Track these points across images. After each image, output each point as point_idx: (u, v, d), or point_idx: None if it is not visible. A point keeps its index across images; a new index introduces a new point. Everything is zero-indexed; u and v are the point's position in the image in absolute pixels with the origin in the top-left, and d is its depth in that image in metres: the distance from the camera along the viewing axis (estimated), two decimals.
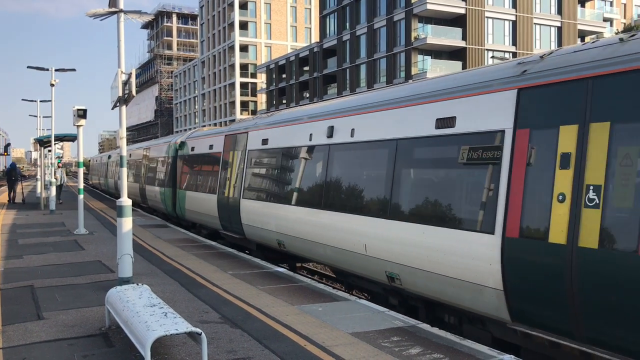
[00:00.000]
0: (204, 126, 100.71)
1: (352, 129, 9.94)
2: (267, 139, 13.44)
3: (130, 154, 30.37)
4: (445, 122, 7.78)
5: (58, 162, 35.65)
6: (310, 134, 11.36)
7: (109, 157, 42.53)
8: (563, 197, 5.93)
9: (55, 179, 29.56)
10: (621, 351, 5.48)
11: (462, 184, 7.33)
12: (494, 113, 7.01)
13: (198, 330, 5.54)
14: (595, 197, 5.63)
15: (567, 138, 6.00)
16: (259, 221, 13.26)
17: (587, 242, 5.64)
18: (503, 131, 6.80)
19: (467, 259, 7.05)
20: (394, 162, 8.68)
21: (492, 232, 6.70)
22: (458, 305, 7.52)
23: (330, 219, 10.17)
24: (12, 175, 30.73)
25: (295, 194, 11.62)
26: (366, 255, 9.14)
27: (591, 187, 5.68)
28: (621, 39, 5.93)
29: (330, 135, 10.59)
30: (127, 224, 9.62)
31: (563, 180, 5.96)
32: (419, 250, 7.89)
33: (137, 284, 7.35)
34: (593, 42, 6.37)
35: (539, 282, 6.12)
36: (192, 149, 19.53)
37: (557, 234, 5.92)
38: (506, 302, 6.58)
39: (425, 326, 7.34)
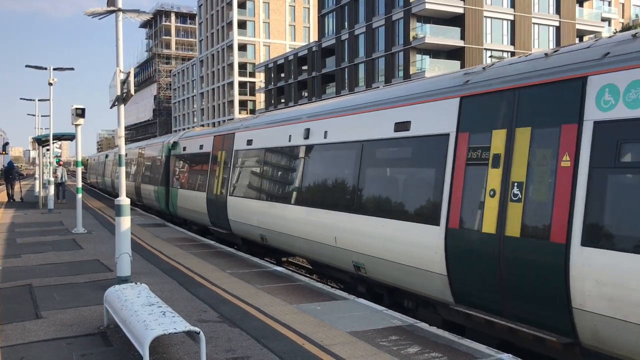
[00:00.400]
0: (202, 125, 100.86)
1: (325, 131, 10.73)
2: (251, 140, 14.17)
3: (126, 154, 30.41)
4: (402, 126, 8.60)
5: (57, 161, 35.62)
6: (290, 135, 12.12)
7: (107, 156, 42.50)
8: (494, 192, 6.74)
9: (55, 177, 29.53)
10: (544, 327, 6.14)
11: (415, 181, 8.21)
12: (441, 118, 7.82)
13: (196, 329, 5.54)
14: (519, 193, 6.43)
15: (498, 141, 6.80)
16: (244, 217, 14.04)
17: (512, 231, 6.44)
18: (448, 134, 7.62)
19: (418, 248, 7.88)
20: (360, 162, 9.51)
21: (437, 224, 7.55)
22: (413, 290, 8.31)
23: (306, 214, 10.95)
24: (10, 174, 30.75)
25: (275, 191, 12.38)
26: (336, 246, 9.93)
27: (515, 184, 6.49)
28: (546, 54, 6.67)
29: (306, 137, 11.37)
30: (125, 222, 9.65)
31: (494, 178, 6.77)
32: (379, 241, 8.71)
33: (136, 283, 7.35)
34: (526, 55, 7.13)
35: (475, 267, 6.93)
36: (184, 148, 20.12)
37: (489, 225, 6.74)
38: (450, 286, 7.39)
39: (424, 325, 7.37)
